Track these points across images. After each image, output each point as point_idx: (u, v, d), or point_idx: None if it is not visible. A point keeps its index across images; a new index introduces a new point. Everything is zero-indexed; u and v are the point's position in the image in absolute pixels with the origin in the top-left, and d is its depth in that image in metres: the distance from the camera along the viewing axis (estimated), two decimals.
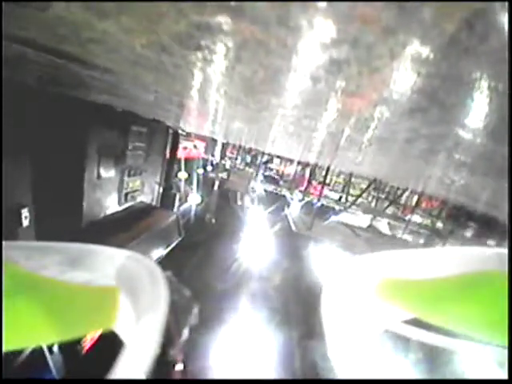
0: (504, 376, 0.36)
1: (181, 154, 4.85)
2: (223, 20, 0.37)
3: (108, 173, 2.71)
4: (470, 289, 0.41)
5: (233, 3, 0.33)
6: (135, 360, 0.31)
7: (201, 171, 6.56)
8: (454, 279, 0.42)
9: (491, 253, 0.43)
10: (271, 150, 5.10)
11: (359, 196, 7.69)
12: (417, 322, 0.42)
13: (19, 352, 1.43)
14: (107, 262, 0.47)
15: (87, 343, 2.06)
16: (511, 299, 0.36)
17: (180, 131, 4.31)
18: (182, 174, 5.11)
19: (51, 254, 0.47)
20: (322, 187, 6.47)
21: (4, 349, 0.35)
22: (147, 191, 3.71)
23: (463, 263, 0.43)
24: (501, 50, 0.29)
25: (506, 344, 0.35)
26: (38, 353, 1.61)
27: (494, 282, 0.40)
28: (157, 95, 1.23)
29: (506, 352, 0.36)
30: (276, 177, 11.12)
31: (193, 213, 5.57)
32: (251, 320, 3.56)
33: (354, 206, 7.20)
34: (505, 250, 0.41)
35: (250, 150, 10.62)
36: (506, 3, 0.23)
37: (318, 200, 6.26)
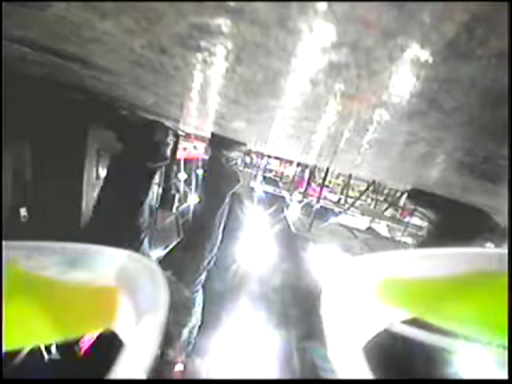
0: (504, 376, 0.36)
1: (180, 154, 4.84)
2: (223, 21, 0.38)
3: None
4: (470, 289, 0.41)
5: (232, 4, 0.33)
6: (135, 360, 0.31)
7: (200, 172, 6.53)
8: (453, 279, 0.42)
9: (491, 253, 0.43)
10: (271, 152, 5.10)
11: (358, 198, 7.71)
12: (417, 322, 0.42)
13: (17, 352, 1.43)
14: (107, 262, 0.46)
15: (85, 344, 2.05)
16: (511, 299, 0.36)
17: (179, 132, 4.30)
18: (182, 175, 5.09)
19: (51, 253, 0.47)
20: (321, 189, 6.47)
21: (4, 349, 0.35)
22: None
23: (463, 263, 0.43)
24: (501, 53, 0.30)
25: (506, 344, 0.35)
26: (35, 353, 1.61)
27: (494, 282, 0.40)
28: (156, 96, 1.23)
29: (505, 352, 0.36)
30: (275, 178, 11.12)
31: (191, 213, 5.53)
32: (250, 321, 3.55)
33: (352, 208, 7.21)
34: (505, 250, 0.42)
35: (250, 151, 10.61)
36: (506, 4, 0.23)
37: (318, 202, 6.25)
